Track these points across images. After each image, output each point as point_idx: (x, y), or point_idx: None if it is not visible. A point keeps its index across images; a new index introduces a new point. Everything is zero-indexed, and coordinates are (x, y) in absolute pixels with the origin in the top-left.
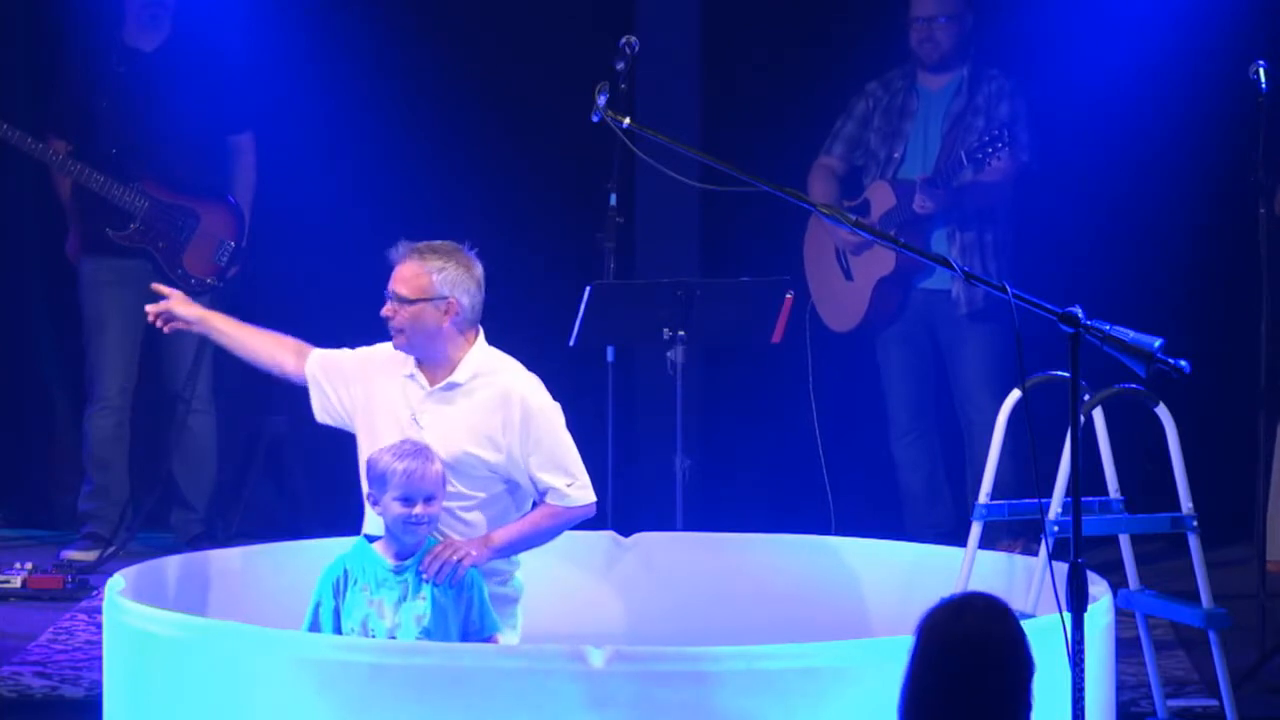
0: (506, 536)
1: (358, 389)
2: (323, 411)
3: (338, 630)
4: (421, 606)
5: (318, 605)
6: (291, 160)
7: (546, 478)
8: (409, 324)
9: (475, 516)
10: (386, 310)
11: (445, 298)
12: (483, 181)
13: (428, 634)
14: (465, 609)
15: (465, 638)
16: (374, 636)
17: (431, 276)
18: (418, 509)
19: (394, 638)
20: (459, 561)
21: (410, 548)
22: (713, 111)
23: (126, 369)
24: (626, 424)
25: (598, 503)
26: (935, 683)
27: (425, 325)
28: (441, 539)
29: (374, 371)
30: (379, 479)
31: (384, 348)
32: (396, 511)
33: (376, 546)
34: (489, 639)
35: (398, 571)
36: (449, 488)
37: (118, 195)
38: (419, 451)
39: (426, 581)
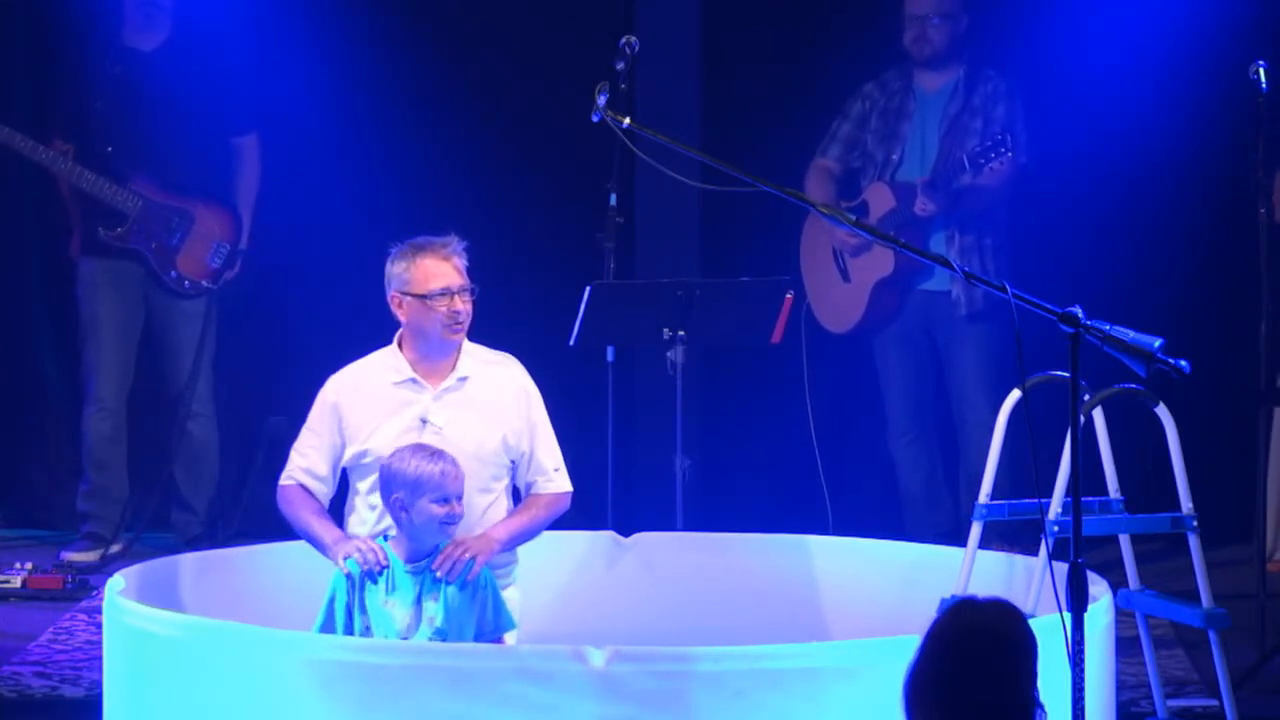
0: (508, 531)
1: (347, 433)
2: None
3: (350, 626)
4: (434, 607)
5: (332, 599)
6: (292, 162)
7: (545, 459)
8: (472, 312)
9: (495, 512)
10: (461, 303)
11: None
12: (483, 181)
13: (440, 634)
14: (480, 608)
15: (480, 637)
16: (386, 636)
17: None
18: (453, 508)
19: (406, 638)
20: (472, 559)
21: (427, 550)
22: (713, 111)
23: (123, 370)
24: (626, 424)
25: (597, 503)
26: (939, 668)
27: None
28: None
29: (349, 403)
30: (412, 484)
31: (340, 379)
32: (433, 513)
33: (389, 546)
34: (499, 638)
35: (414, 572)
36: (477, 483)
37: (110, 195)
38: (442, 453)
39: (441, 581)
